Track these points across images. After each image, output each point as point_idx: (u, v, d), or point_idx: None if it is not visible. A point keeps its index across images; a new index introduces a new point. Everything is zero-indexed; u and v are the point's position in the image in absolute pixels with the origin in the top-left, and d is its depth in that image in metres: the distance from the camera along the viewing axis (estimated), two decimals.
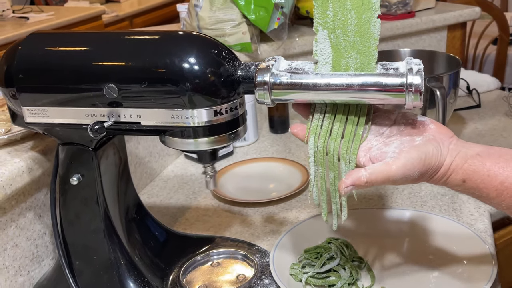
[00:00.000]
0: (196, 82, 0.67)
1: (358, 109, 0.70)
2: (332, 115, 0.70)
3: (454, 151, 0.67)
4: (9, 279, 0.81)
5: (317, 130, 0.70)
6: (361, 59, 0.68)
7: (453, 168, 0.66)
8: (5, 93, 0.71)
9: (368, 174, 0.64)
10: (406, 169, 0.64)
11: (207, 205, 1.09)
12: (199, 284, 0.84)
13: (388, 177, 0.64)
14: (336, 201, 0.71)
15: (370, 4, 0.68)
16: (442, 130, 0.69)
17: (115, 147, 0.80)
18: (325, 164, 0.70)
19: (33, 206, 0.85)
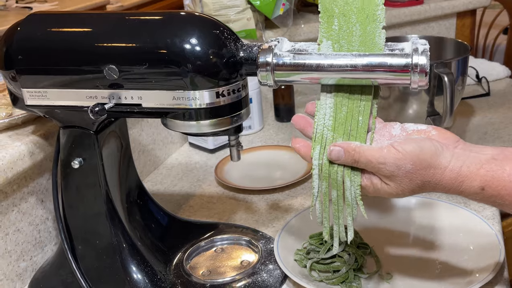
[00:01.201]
0: (198, 63, 0.66)
1: (361, 121, 0.67)
2: (336, 126, 0.67)
3: (462, 155, 0.62)
4: (11, 264, 0.81)
5: (322, 140, 0.67)
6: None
7: (466, 175, 0.61)
8: (5, 75, 0.71)
9: (359, 144, 0.64)
10: (397, 157, 0.61)
11: (212, 193, 1.08)
12: (202, 270, 0.83)
13: (377, 157, 0.62)
14: (338, 223, 0.68)
15: (374, 16, 0.66)
16: (446, 135, 0.65)
17: (116, 131, 0.79)
18: (330, 180, 0.67)
19: (35, 191, 0.84)
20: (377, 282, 0.79)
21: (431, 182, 0.62)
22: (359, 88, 0.68)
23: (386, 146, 0.63)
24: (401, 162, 0.61)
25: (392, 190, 0.64)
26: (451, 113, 1.07)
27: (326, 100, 0.69)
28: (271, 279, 0.80)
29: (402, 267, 0.81)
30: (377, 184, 0.64)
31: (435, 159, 0.61)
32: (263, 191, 1.07)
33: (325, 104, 0.69)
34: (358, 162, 0.63)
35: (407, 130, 0.67)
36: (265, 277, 0.80)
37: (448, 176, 0.61)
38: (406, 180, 0.62)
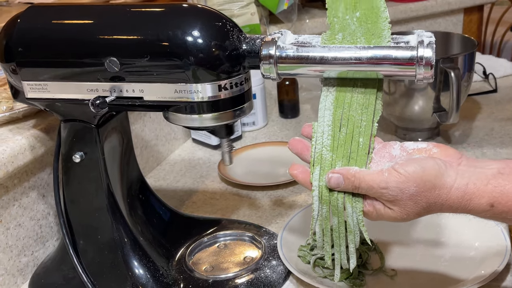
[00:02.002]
0: (200, 56, 0.65)
1: (362, 143, 0.65)
2: (335, 147, 0.65)
3: (467, 172, 0.60)
4: (12, 259, 0.80)
5: (322, 161, 0.64)
6: (367, 92, 0.65)
7: (473, 192, 0.58)
8: (6, 68, 0.70)
9: (358, 169, 0.61)
10: (400, 180, 0.58)
11: (215, 189, 1.07)
12: (205, 266, 0.82)
13: (379, 182, 0.59)
14: (340, 250, 0.66)
15: (380, 33, 0.65)
16: (448, 151, 0.63)
17: (118, 125, 0.78)
18: (330, 204, 0.64)
19: (37, 186, 0.84)
20: (381, 278, 0.78)
21: (437, 203, 0.60)
22: (360, 106, 0.65)
23: (387, 169, 0.60)
24: (404, 185, 0.58)
25: (397, 215, 0.61)
26: (457, 109, 1.06)
27: (324, 118, 0.66)
28: (274, 275, 0.79)
29: (406, 264, 0.80)
30: (380, 210, 0.61)
31: (440, 179, 0.59)
32: (267, 187, 1.06)
33: (322, 122, 0.66)
34: (358, 188, 0.61)
35: (407, 150, 0.64)
36: (268, 273, 0.80)
37: (455, 195, 0.59)
38: (411, 203, 0.59)
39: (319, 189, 0.63)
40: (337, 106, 0.66)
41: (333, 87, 0.67)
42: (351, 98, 0.66)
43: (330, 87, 0.67)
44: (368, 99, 0.66)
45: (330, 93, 0.67)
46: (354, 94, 0.66)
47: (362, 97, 0.66)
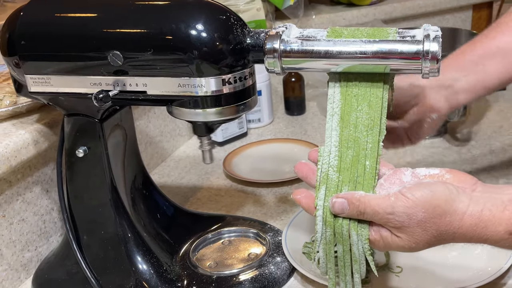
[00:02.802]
0: (204, 50, 0.64)
1: (368, 166, 0.63)
2: (342, 168, 0.63)
3: (482, 198, 0.56)
4: (16, 254, 0.80)
5: (328, 181, 0.62)
6: (371, 112, 0.64)
7: (489, 219, 0.55)
8: (9, 62, 0.70)
9: (364, 194, 0.58)
10: (407, 205, 0.55)
11: (220, 185, 1.07)
12: (209, 262, 0.82)
13: (385, 207, 0.56)
14: (345, 280, 0.63)
15: (386, 30, 0.65)
16: (462, 177, 0.60)
17: (122, 120, 0.78)
18: (334, 231, 0.61)
19: (40, 181, 0.84)
20: (386, 275, 0.77)
21: (448, 231, 0.56)
22: (365, 127, 0.64)
23: (393, 193, 0.57)
24: (412, 210, 0.55)
25: (404, 243, 0.57)
26: (465, 106, 1.05)
27: (331, 138, 0.64)
28: (279, 272, 0.79)
29: (412, 261, 0.79)
30: (387, 238, 0.58)
31: (451, 205, 0.55)
32: (272, 184, 1.05)
33: (330, 142, 0.64)
34: (364, 213, 0.57)
35: (418, 176, 0.61)
36: (272, 270, 0.79)
37: (468, 222, 0.55)
38: (419, 230, 0.56)
39: (323, 209, 0.60)
40: (343, 127, 0.64)
41: (338, 105, 0.65)
42: (356, 119, 0.64)
43: (335, 106, 0.66)
44: (372, 119, 0.64)
45: (336, 113, 0.65)
46: (358, 114, 0.64)
47: (367, 117, 0.64)
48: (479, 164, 1.06)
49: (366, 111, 0.64)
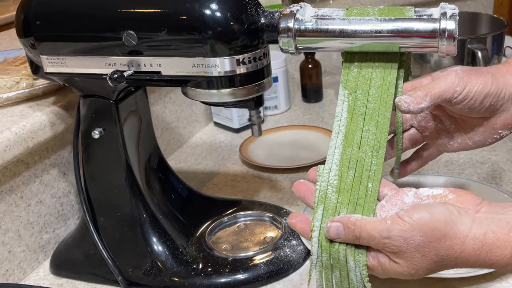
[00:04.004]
0: (218, 30, 0.64)
1: (371, 189, 0.59)
2: (341, 188, 0.59)
3: (486, 220, 0.52)
4: (34, 235, 0.81)
5: (326, 200, 0.58)
6: (378, 134, 0.61)
7: (493, 242, 0.51)
8: (24, 43, 0.71)
9: (360, 217, 0.54)
10: (404, 229, 0.51)
11: (236, 171, 1.07)
12: (225, 245, 0.82)
13: (380, 230, 0.52)
14: None
15: (402, 10, 0.63)
16: (466, 197, 0.56)
17: (137, 101, 0.78)
18: (331, 256, 0.57)
19: (57, 163, 0.84)
20: None
21: (449, 256, 0.52)
22: (370, 148, 0.61)
23: (390, 216, 0.53)
24: (409, 234, 0.51)
25: (403, 270, 0.54)
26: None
27: (333, 156, 0.61)
28: (294, 255, 0.79)
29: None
30: (385, 264, 0.54)
31: (451, 227, 0.51)
32: (288, 170, 1.05)
33: (331, 160, 0.61)
34: (359, 238, 0.54)
35: (421, 197, 0.57)
36: (288, 252, 0.79)
37: (471, 246, 0.51)
38: (418, 255, 0.52)
39: (319, 230, 0.57)
40: (347, 145, 0.61)
41: (344, 123, 0.63)
42: (361, 138, 0.61)
43: (341, 124, 0.63)
44: (379, 141, 0.61)
45: (341, 131, 0.62)
46: (364, 134, 0.62)
47: (373, 138, 0.61)
48: None
49: (373, 131, 0.61)
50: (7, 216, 0.77)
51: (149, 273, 0.76)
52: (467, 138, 0.67)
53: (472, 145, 0.67)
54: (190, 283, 0.75)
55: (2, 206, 0.76)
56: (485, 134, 0.66)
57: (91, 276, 0.79)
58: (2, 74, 0.84)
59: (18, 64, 0.90)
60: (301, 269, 0.78)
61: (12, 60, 0.93)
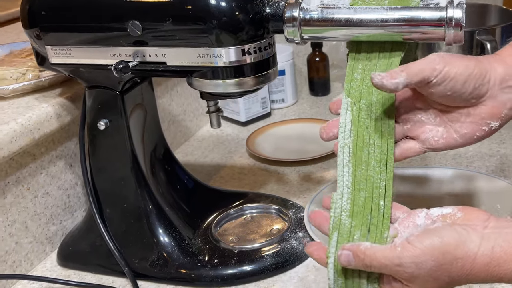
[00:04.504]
0: (223, 20, 0.64)
1: (383, 206, 0.59)
2: (355, 212, 0.58)
3: (493, 234, 0.52)
4: (41, 227, 0.82)
5: (340, 226, 0.58)
6: (382, 145, 0.60)
7: (500, 256, 0.51)
8: (30, 34, 0.71)
9: (369, 246, 0.53)
10: (415, 255, 0.51)
11: (243, 164, 1.07)
12: (231, 237, 0.82)
13: (391, 258, 0.52)
14: None
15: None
16: (473, 214, 0.55)
17: (142, 93, 0.78)
18: (345, 281, 0.57)
19: (64, 155, 0.85)
20: None
21: (461, 275, 0.52)
22: (378, 163, 0.60)
23: (400, 243, 0.53)
24: (421, 259, 0.51)
25: None
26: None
27: (343, 177, 0.60)
28: (300, 247, 0.78)
29: None
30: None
31: (461, 249, 0.51)
32: (295, 163, 1.05)
33: (341, 181, 0.60)
34: (370, 267, 0.53)
35: (432, 217, 0.56)
36: (294, 244, 0.79)
37: (480, 262, 0.51)
38: (430, 279, 0.52)
39: (334, 256, 0.57)
40: (356, 165, 0.60)
41: (349, 135, 0.61)
42: (368, 155, 0.60)
43: (346, 136, 0.61)
44: (385, 153, 0.60)
45: (347, 145, 0.61)
46: (370, 149, 0.61)
47: (379, 152, 0.61)
48: None
49: (378, 144, 0.61)
50: (14, 207, 0.77)
51: (155, 265, 0.76)
52: (453, 131, 0.62)
53: (459, 139, 0.62)
54: (196, 275, 0.75)
55: (9, 198, 0.76)
56: (473, 126, 0.61)
57: (98, 268, 0.79)
58: (8, 66, 0.84)
59: (24, 56, 0.90)
60: (307, 261, 0.77)
61: (18, 52, 0.93)
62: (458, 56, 0.59)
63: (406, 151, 0.64)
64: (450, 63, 0.58)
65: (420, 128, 0.63)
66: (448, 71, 0.57)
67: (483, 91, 0.59)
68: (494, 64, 0.59)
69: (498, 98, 0.59)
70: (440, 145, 0.63)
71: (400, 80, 0.57)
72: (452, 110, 0.61)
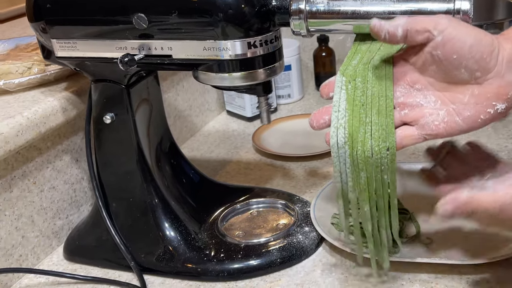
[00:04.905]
0: (229, 12, 0.64)
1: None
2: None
3: None
4: (47, 221, 0.82)
5: (344, 197, 0.61)
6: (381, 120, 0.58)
7: None
8: (36, 28, 0.71)
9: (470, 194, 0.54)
10: None
11: (249, 159, 1.07)
12: (237, 232, 0.82)
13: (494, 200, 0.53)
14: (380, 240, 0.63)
15: None
16: None
17: (148, 87, 0.78)
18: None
19: (70, 150, 0.85)
20: (416, 246, 0.75)
21: None
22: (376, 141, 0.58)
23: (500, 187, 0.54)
24: None
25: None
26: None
27: (339, 159, 0.59)
28: (307, 241, 0.78)
29: (442, 233, 0.77)
30: None
31: None
32: (302, 158, 1.04)
33: (338, 162, 0.60)
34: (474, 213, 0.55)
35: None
36: (300, 239, 0.78)
37: None
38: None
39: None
40: (353, 147, 0.58)
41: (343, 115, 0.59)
42: (364, 134, 0.58)
43: (340, 116, 0.59)
44: (385, 129, 0.58)
45: (341, 125, 0.59)
46: (367, 127, 0.58)
47: (376, 129, 0.58)
48: None
49: (375, 121, 0.58)
50: (20, 201, 0.77)
51: (161, 259, 0.76)
52: (455, 114, 0.57)
53: (461, 123, 0.57)
54: (202, 269, 0.75)
55: (15, 192, 0.76)
56: (477, 107, 0.57)
57: (104, 262, 0.79)
58: (14, 60, 0.84)
59: (30, 50, 0.91)
60: (313, 256, 0.77)
61: (24, 47, 0.93)
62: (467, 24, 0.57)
63: (404, 138, 0.59)
64: (456, 25, 0.55)
65: (419, 112, 0.59)
66: (451, 31, 0.55)
67: (491, 65, 0.55)
68: (503, 42, 0.57)
69: (505, 78, 0.56)
70: (441, 130, 0.58)
71: (400, 22, 0.55)
72: (455, 89, 0.58)
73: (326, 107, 0.61)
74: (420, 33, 0.55)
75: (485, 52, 0.55)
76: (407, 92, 0.60)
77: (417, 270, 0.71)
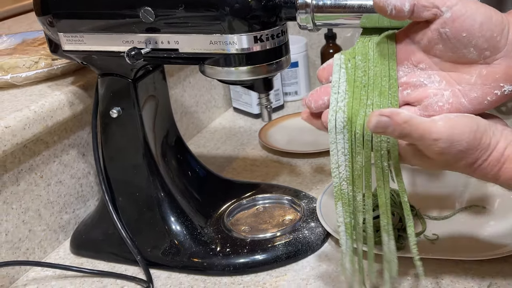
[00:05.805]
0: (236, 6, 0.64)
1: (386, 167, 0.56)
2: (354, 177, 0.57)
3: (510, 136, 0.53)
4: (54, 215, 0.82)
5: (343, 195, 0.58)
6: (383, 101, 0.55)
7: (508, 156, 0.52)
8: (43, 21, 0.71)
9: (409, 116, 0.50)
10: (454, 132, 0.50)
11: (255, 156, 1.07)
12: (244, 227, 0.82)
13: (430, 131, 0.50)
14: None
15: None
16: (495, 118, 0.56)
17: (155, 81, 0.78)
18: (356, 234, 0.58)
19: (76, 144, 0.85)
20: (421, 242, 0.75)
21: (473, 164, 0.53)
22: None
23: (439, 117, 0.52)
24: (457, 138, 0.51)
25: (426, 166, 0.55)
26: None
27: (337, 146, 0.57)
28: (313, 236, 0.78)
29: (448, 230, 0.77)
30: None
31: (488, 138, 0.52)
32: (308, 154, 1.04)
33: (336, 150, 0.57)
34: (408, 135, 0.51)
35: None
36: (306, 234, 0.78)
37: (493, 157, 0.52)
38: (452, 161, 0.52)
39: (345, 224, 0.58)
40: (351, 131, 0.55)
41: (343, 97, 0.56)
42: (364, 117, 0.55)
43: (339, 99, 0.56)
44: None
45: (341, 109, 0.56)
46: (368, 110, 0.55)
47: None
48: None
49: (377, 103, 0.55)
50: (27, 195, 0.78)
51: (167, 253, 0.76)
52: (461, 95, 0.55)
53: (467, 105, 0.55)
54: (208, 263, 0.75)
55: (22, 185, 0.77)
56: (484, 88, 0.54)
57: (111, 256, 0.79)
58: (21, 54, 0.85)
59: (37, 45, 0.91)
60: (319, 251, 0.77)
61: (31, 41, 0.94)
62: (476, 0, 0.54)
63: None
64: (465, 1, 0.53)
65: (422, 92, 0.56)
66: (461, 8, 0.52)
67: (501, 44, 0.53)
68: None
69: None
70: (445, 111, 0.55)
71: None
72: (461, 69, 0.55)
73: (325, 86, 0.59)
74: (427, 9, 0.52)
75: (495, 30, 0.52)
76: (410, 71, 0.58)
77: (423, 266, 0.71)
